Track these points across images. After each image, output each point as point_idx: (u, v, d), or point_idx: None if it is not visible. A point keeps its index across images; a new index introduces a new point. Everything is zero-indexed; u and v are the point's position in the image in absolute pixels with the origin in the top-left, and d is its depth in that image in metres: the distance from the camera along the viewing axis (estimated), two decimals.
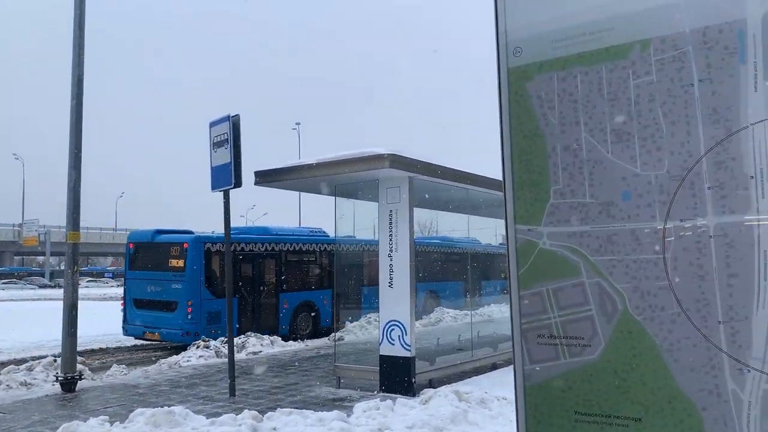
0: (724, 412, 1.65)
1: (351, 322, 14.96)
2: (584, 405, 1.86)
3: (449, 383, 9.23)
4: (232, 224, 9.47)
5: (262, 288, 16.75)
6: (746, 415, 1.62)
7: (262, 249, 16.85)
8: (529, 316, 1.98)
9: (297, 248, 17.67)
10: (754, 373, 1.61)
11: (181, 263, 15.13)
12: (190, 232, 16.56)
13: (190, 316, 14.72)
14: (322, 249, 17.97)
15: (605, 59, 1.87)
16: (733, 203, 1.66)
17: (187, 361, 12.71)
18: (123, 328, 16.45)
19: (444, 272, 17.93)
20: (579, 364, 1.88)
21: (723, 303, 1.66)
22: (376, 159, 8.28)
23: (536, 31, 1.99)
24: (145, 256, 16.21)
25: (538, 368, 1.95)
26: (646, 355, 1.77)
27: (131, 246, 16.65)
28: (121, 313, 16.70)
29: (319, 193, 10.76)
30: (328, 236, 14.37)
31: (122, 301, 16.90)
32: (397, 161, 8.26)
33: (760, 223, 1.62)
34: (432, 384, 9.18)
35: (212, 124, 9.17)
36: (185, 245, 15.18)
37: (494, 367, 11.14)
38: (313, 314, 17.65)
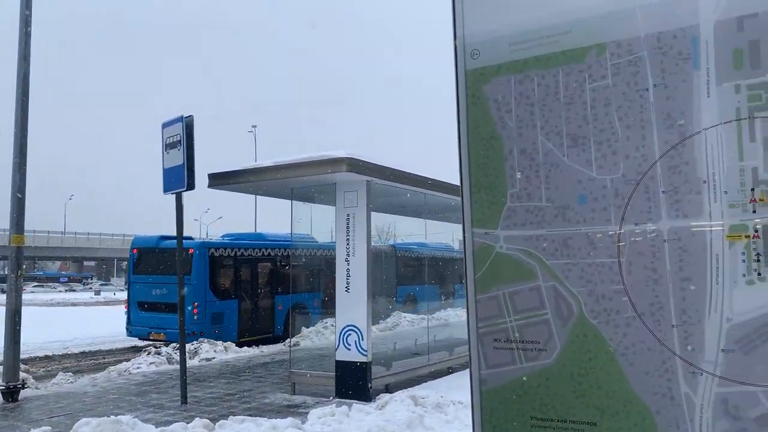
0: (677, 415, 1.66)
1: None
2: (540, 410, 1.85)
3: (406, 388, 9.20)
4: (228, 231, 9.36)
5: (259, 290, 17.36)
6: (698, 417, 1.63)
7: (259, 254, 17.42)
8: (485, 320, 1.96)
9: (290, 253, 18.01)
10: (707, 375, 1.62)
11: (186, 267, 15.75)
12: (190, 238, 17.41)
13: (196, 317, 15.55)
14: (312, 254, 18.43)
15: (562, 63, 1.86)
16: (686, 207, 1.67)
17: (138, 368, 12.38)
18: (127, 329, 17.04)
19: (417, 276, 18.10)
20: (535, 369, 1.86)
21: (676, 306, 1.67)
22: (333, 162, 8.22)
23: (493, 33, 1.98)
24: (150, 261, 16.85)
25: (494, 373, 1.93)
26: (601, 359, 1.77)
27: (135, 251, 17.25)
28: (125, 316, 17.38)
29: (275, 196, 10.63)
30: (317, 242, 15.23)
31: (126, 304, 17.48)
32: (355, 165, 8.22)
33: (712, 227, 1.64)
34: (388, 389, 9.15)
35: (165, 125, 8.96)
36: (191, 250, 15.89)
37: (450, 370, 11.18)
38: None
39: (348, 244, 8.79)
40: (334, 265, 8.93)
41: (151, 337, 16.46)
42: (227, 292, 16.62)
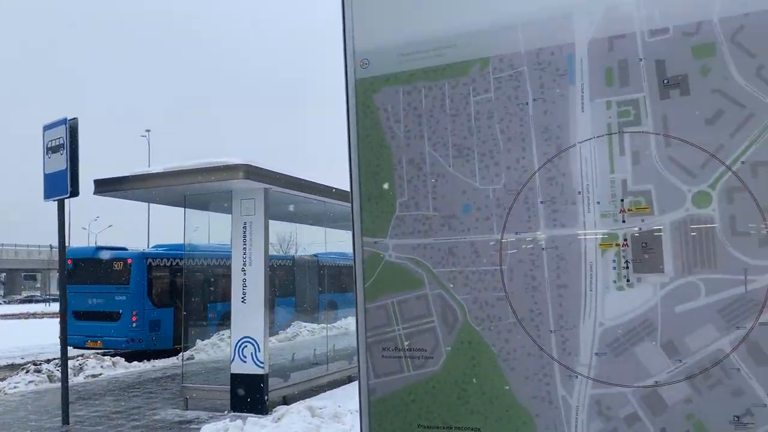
0: (555, 418, 1.72)
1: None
2: (426, 417, 1.86)
3: (304, 399, 9.09)
4: (163, 241, 8.87)
5: (192, 299, 17.41)
6: (574, 419, 1.70)
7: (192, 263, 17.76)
8: (374, 330, 1.95)
9: (222, 263, 18.01)
10: (582, 378, 1.70)
11: (125, 277, 16.47)
12: (125, 249, 18.28)
13: (134, 325, 16.16)
14: None
15: (448, 75, 1.90)
16: (562, 217, 1.75)
17: (14, 387, 11.49)
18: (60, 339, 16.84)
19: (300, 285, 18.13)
20: (422, 376, 1.88)
21: (554, 312, 1.74)
22: (229, 169, 8.01)
23: (383, 44, 1.99)
24: (87, 271, 17.15)
25: (382, 382, 1.93)
26: (484, 365, 1.81)
27: (69, 261, 17.37)
28: (59, 326, 17.26)
29: (168, 204, 10.24)
30: None
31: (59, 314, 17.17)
32: (252, 172, 8.05)
33: (586, 236, 1.72)
34: (286, 401, 9.01)
35: (46, 128, 8.41)
36: (129, 260, 16.58)
37: (350, 379, 11.16)
38: None
39: (245, 254, 8.59)
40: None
41: (87, 345, 16.69)
42: (164, 301, 17.06)
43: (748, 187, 1.56)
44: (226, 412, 8.50)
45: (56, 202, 8.32)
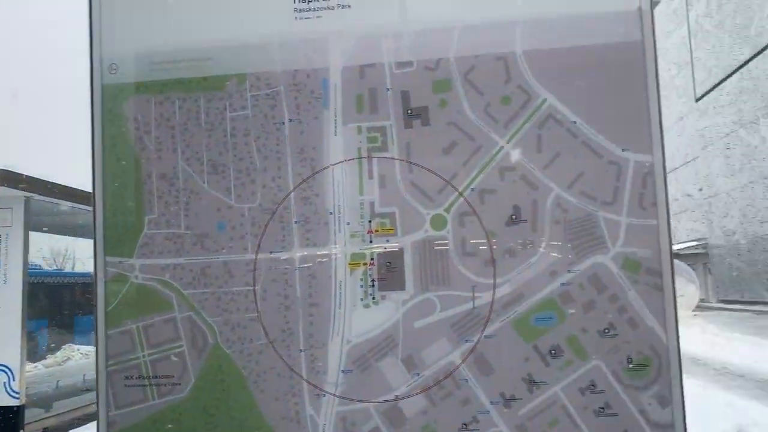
0: None
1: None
2: None
3: (70, 429, 8.23)
4: None
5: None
6: None
7: None
8: (116, 357, 1.80)
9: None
10: (329, 396, 1.72)
11: None
12: None
13: None
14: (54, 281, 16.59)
15: (203, 89, 1.84)
16: (315, 237, 1.77)
17: None
18: None
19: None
20: (168, 404, 1.77)
21: (305, 332, 1.75)
22: None
23: (134, 49, 1.87)
24: None
25: (124, 413, 1.79)
26: (234, 389, 1.75)
27: None
28: None
29: None
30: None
31: None
32: (8, 178, 7.14)
33: (337, 255, 1.75)
34: None
35: None
36: None
37: None
38: None
39: None
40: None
41: None
42: None
43: (476, 212, 1.71)
44: None
45: None
